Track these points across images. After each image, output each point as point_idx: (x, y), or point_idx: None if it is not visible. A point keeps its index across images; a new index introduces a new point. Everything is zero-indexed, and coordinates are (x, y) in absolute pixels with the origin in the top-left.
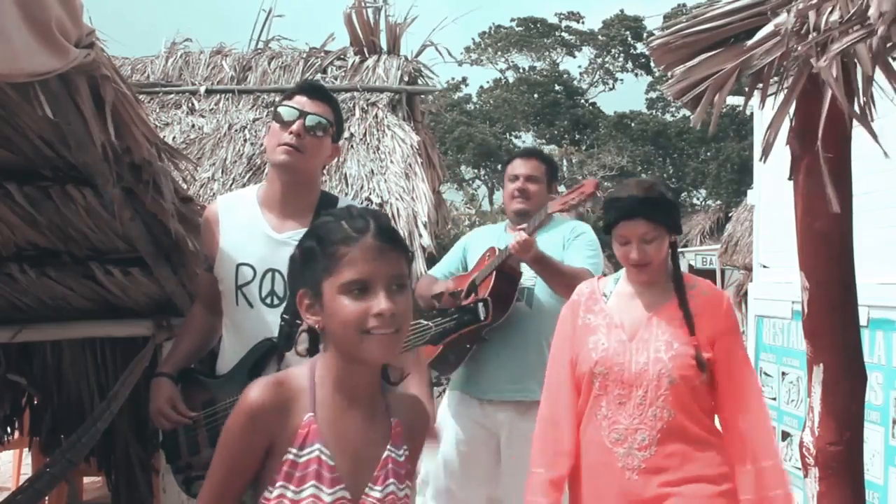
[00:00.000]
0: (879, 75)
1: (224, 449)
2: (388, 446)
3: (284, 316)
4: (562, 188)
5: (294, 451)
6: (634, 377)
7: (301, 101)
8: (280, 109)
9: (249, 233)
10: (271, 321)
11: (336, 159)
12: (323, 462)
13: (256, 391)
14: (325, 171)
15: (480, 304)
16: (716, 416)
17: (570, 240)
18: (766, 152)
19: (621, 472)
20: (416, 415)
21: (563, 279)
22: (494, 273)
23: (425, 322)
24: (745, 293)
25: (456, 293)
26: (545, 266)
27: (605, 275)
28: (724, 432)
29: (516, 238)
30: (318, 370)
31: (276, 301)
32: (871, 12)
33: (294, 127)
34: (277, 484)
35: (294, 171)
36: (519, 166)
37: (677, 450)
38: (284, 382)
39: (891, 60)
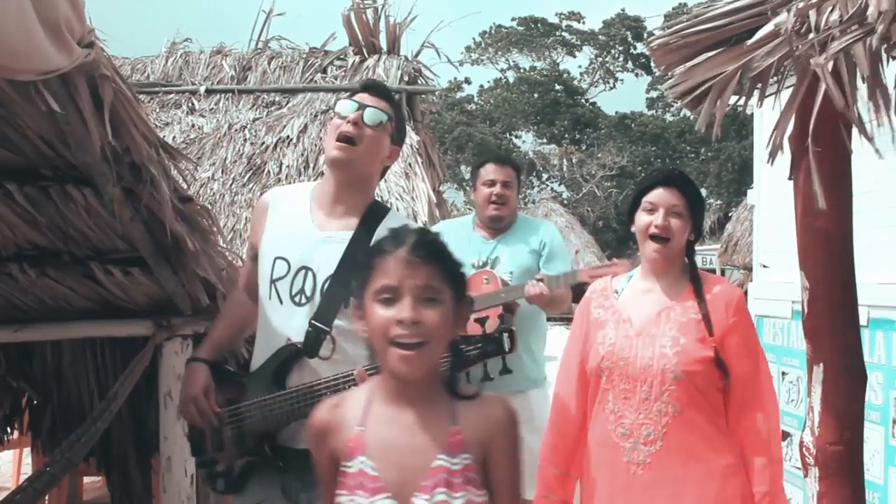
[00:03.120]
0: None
1: (314, 462)
2: (441, 455)
3: (313, 322)
4: (563, 187)
5: (345, 463)
6: (639, 372)
7: (361, 96)
8: (339, 104)
9: (293, 227)
10: (296, 321)
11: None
12: (365, 472)
13: (316, 413)
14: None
15: (506, 335)
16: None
17: (546, 249)
18: (773, 154)
19: (627, 467)
20: (495, 416)
21: (553, 307)
22: (501, 308)
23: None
24: (745, 293)
25: (482, 319)
26: (550, 303)
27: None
28: (735, 427)
29: (536, 289)
30: (377, 383)
31: (303, 300)
32: (870, 11)
33: (352, 116)
34: (338, 492)
35: (348, 166)
36: (495, 172)
37: (684, 445)
38: (341, 402)
39: (891, 59)
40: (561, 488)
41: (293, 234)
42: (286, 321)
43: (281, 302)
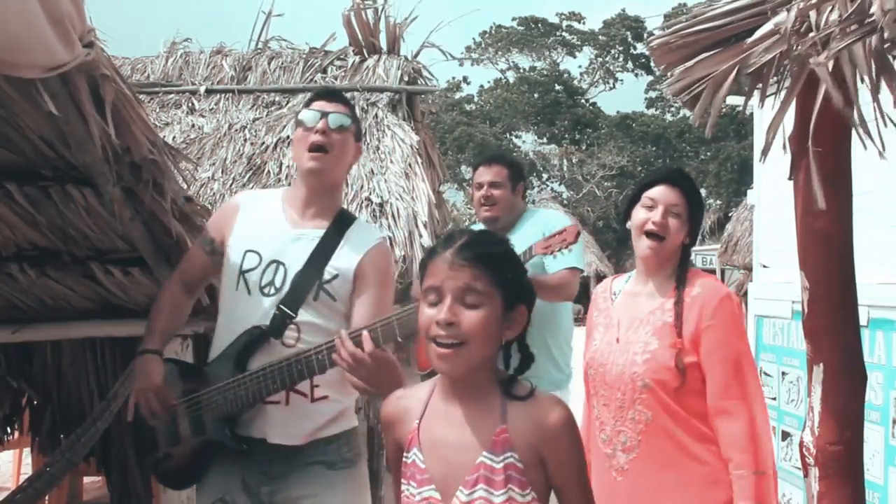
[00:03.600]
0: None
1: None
2: (484, 452)
3: (281, 306)
4: (563, 187)
5: (405, 454)
6: (614, 379)
7: (320, 104)
8: (301, 116)
9: (265, 223)
10: (264, 309)
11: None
12: (416, 465)
13: (385, 404)
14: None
15: None
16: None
17: (547, 233)
18: (765, 152)
19: (608, 473)
20: (547, 417)
21: (552, 293)
22: None
23: None
24: (745, 293)
25: None
26: (538, 289)
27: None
28: (716, 435)
29: None
30: (439, 379)
31: (272, 291)
32: (874, 10)
33: (319, 125)
34: (402, 480)
35: (323, 174)
36: (482, 174)
37: (659, 453)
38: (407, 394)
39: (891, 60)
40: None
41: (266, 229)
42: (252, 310)
43: (249, 292)
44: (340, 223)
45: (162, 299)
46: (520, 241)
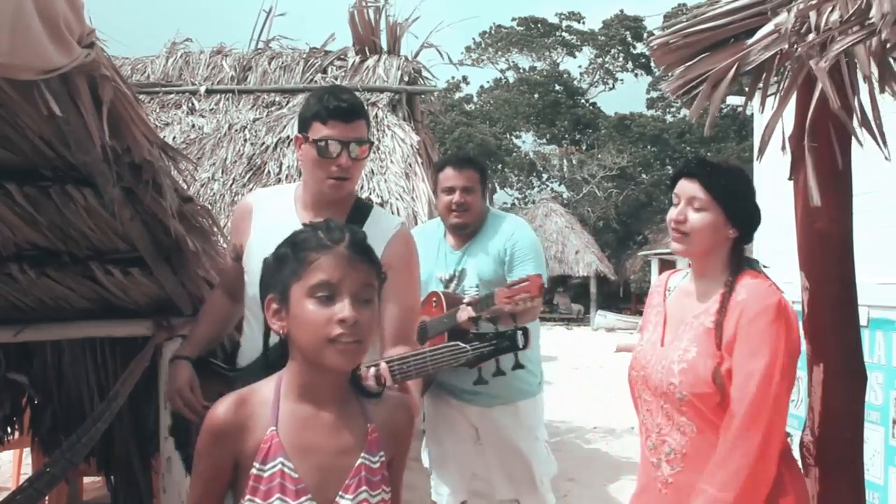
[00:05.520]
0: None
1: (197, 464)
2: (363, 453)
3: None
4: (563, 188)
5: (258, 465)
6: (656, 385)
7: (338, 130)
8: (318, 142)
9: (282, 226)
10: None
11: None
12: (286, 475)
13: (218, 409)
14: None
15: (520, 332)
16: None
17: (509, 254)
18: (761, 151)
19: (654, 484)
20: (399, 417)
21: (526, 316)
22: (447, 334)
23: (462, 345)
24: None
25: (476, 318)
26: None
27: (606, 278)
28: None
29: (464, 314)
30: (284, 381)
31: None
32: (874, 12)
33: (342, 161)
34: (246, 498)
35: (341, 195)
36: (453, 178)
37: (704, 468)
38: (247, 399)
39: (891, 61)
40: None
41: (283, 232)
42: None
43: None
44: (356, 218)
45: (205, 307)
46: (483, 251)
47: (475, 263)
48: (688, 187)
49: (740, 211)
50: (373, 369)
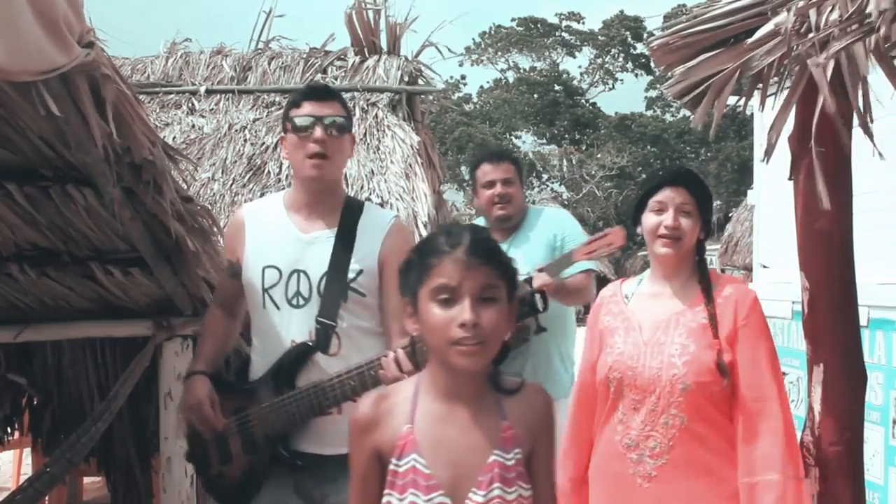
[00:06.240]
0: (875, 77)
1: (350, 463)
2: (496, 451)
3: (320, 319)
4: (563, 188)
5: (395, 460)
6: (648, 382)
7: (311, 107)
8: (295, 121)
9: (276, 235)
10: (297, 322)
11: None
12: (418, 471)
13: (360, 406)
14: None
15: (538, 296)
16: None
17: (560, 239)
18: (768, 153)
19: (632, 480)
20: (536, 405)
21: (572, 297)
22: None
23: None
24: None
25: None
26: (560, 293)
27: (605, 278)
28: (738, 440)
29: (539, 281)
30: (424, 380)
31: (301, 302)
32: (871, 10)
33: (317, 134)
34: (385, 491)
35: (324, 179)
36: (491, 171)
37: (692, 459)
38: (388, 396)
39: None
40: (573, 496)
41: (278, 241)
42: (286, 325)
43: (278, 308)
44: (350, 216)
45: (204, 325)
46: (532, 239)
47: (525, 253)
48: (677, 195)
49: (709, 212)
50: (391, 354)
